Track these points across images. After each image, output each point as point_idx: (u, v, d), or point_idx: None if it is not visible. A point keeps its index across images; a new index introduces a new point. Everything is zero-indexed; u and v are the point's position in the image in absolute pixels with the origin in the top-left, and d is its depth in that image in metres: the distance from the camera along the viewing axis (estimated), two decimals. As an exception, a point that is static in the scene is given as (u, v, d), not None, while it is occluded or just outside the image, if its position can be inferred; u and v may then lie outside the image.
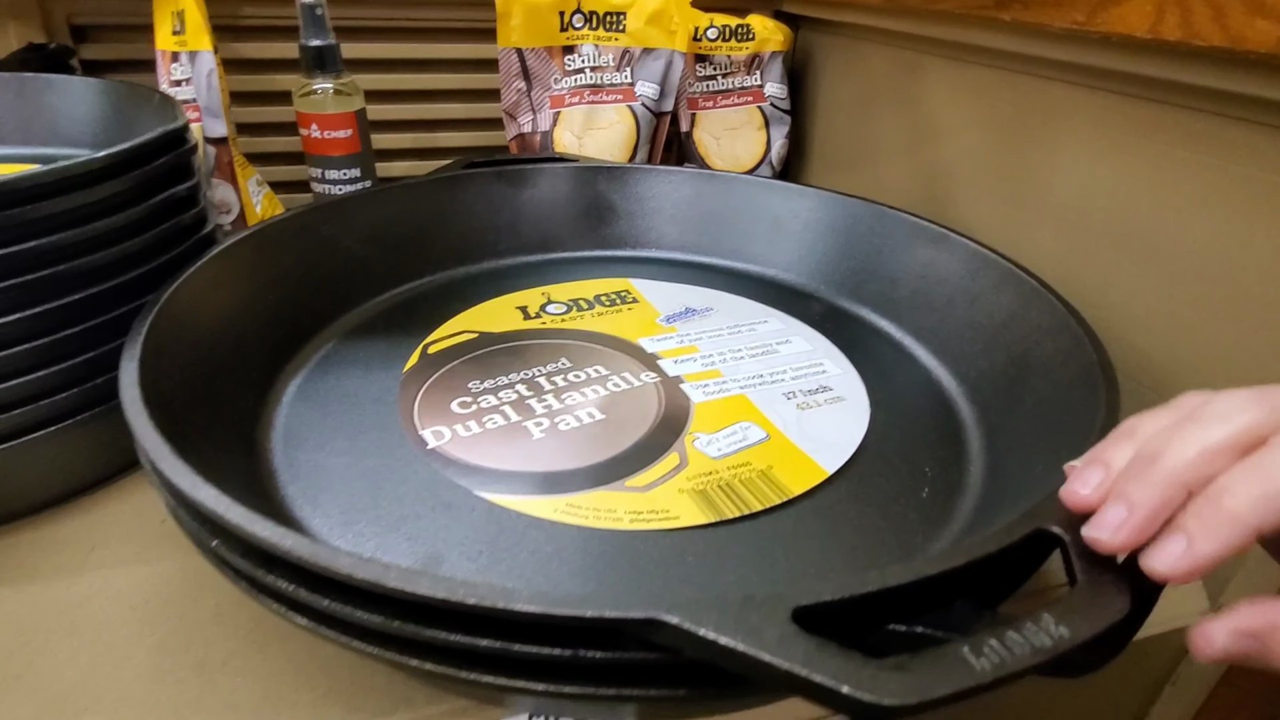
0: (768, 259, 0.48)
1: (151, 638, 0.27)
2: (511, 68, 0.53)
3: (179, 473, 0.21)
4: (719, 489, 0.30)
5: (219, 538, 0.21)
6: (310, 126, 0.46)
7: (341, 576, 0.18)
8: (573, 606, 0.17)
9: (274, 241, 0.38)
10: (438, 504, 0.29)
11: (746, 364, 0.39)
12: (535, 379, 0.36)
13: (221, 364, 0.32)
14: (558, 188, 0.49)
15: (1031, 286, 0.36)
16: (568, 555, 0.27)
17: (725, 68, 0.59)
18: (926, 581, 0.18)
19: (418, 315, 0.42)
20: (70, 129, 0.40)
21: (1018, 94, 0.42)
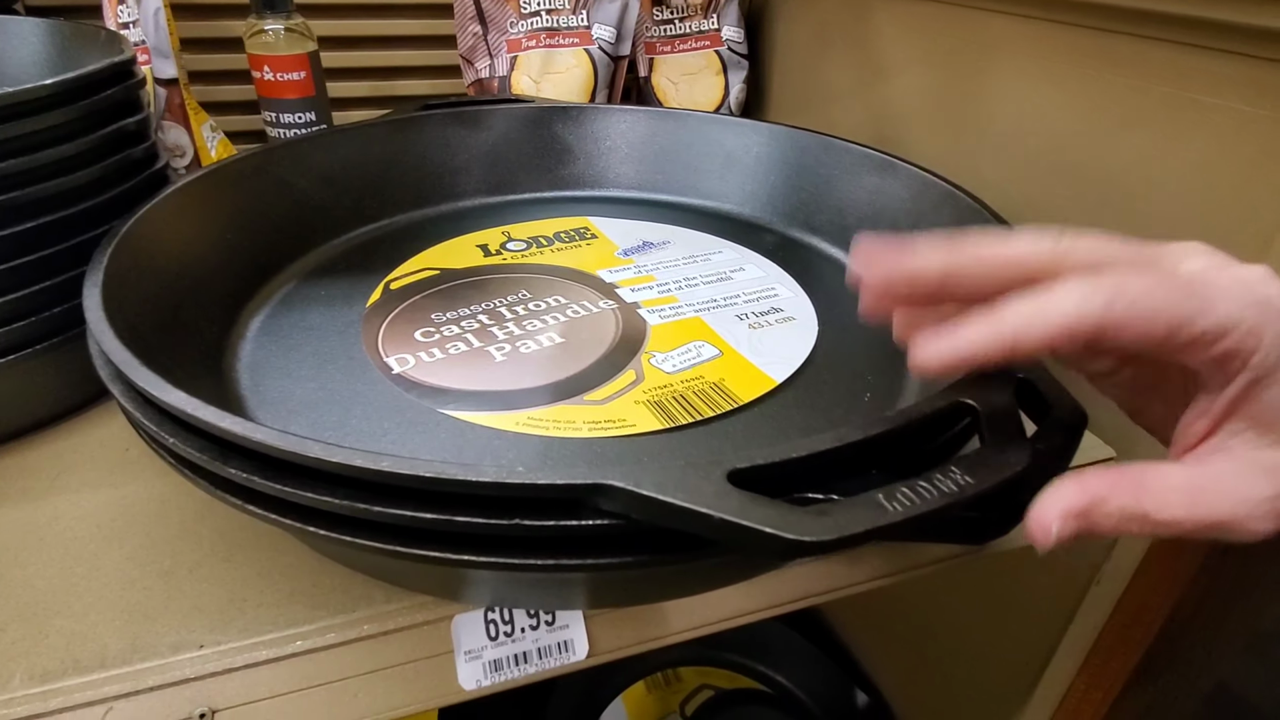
0: (722, 194, 0.49)
1: (119, 551, 0.28)
2: (466, 11, 0.53)
3: (142, 376, 0.21)
4: (673, 400, 0.31)
5: (178, 436, 0.22)
6: (262, 69, 0.46)
7: (311, 461, 0.19)
8: (525, 476, 0.18)
9: (230, 181, 0.38)
10: (404, 422, 0.30)
11: (701, 290, 0.40)
12: (497, 309, 0.37)
13: (185, 295, 0.32)
14: (514, 129, 0.49)
15: (968, 204, 0.37)
16: (528, 462, 0.28)
17: (682, 11, 0.59)
18: (849, 447, 0.20)
19: (378, 255, 0.42)
20: (16, 70, 0.40)
21: (958, 28, 0.44)
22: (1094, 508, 0.18)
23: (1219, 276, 0.18)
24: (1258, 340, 0.17)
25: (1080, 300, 0.17)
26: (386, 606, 0.26)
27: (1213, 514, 0.18)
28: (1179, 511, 0.18)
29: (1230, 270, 0.18)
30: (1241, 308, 0.17)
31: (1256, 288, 0.17)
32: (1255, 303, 0.17)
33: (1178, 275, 0.18)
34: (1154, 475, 0.18)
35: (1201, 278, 0.18)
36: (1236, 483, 0.18)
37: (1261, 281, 0.17)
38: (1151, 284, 0.17)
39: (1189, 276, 0.18)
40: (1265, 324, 0.17)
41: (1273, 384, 0.17)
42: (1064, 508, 0.18)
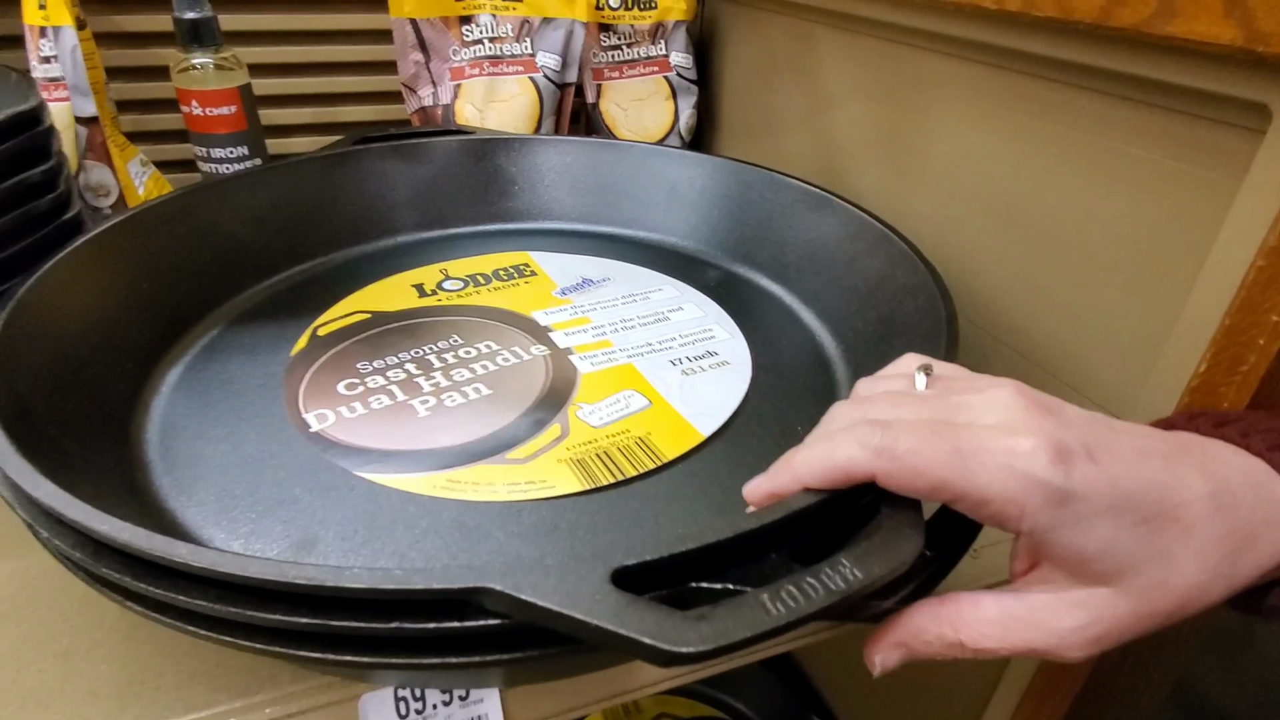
0: (665, 227, 0.49)
1: (17, 630, 0.27)
2: (407, 39, 0.52)
3: (15, 468, 0.20)
4: (596, 457, 0.31)
5: (51, 531, 0.21)
6: (191, 104, 0.44)
7: (178, 564, 0.18)
8: (403, 581, 0.18)
9: (148, 227, 0.37)
10: (316, 486, 0.29)
11: (637, 333, 0.39)
12: (425, 357, 0.37)
13: (91, 355, 0.31)
14: (454, 161, 0.49)
15: (900, 248, 0.37)
16: (442, 529, 0.27)
17: (629, 37, 0.58)
18: (743, 537, 0.20)
19: (309, 298, 0.41)
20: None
21: (898, 64, 0.44)
22: (914, 638, 0.20)
23: (993, 443, 0.18)
24: (1020, 509, 0.18)
25: (857, 449, 0.19)
26: (291, 688, 0.25)
27: (1025, 643, 0.20)
28: (992, 642, 0.20)
29: (1008, 438, 0.19)
30: (1003, 480, 0.18)
31: (1020, 462, 0.18)
32: (1017, 476, 0.18)
33: (958, 434, 0.19)
34: (971, 608, 0.20)
35: (977, 442, 0.19)
36: (1048, 614, 0.19)
37: (1029, 455, 0.18)
38: (921, 443, 0.19)
39: (967, 439, 0.19)
40: (1026, 496, 0.18)
41: (1055, 541, 0.19)
42: (888, 640, 0.21)
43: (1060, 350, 0.36)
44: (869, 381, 0.24)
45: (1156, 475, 0.19)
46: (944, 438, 0.19)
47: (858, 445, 0.19)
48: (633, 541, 0.27)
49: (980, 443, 0.18)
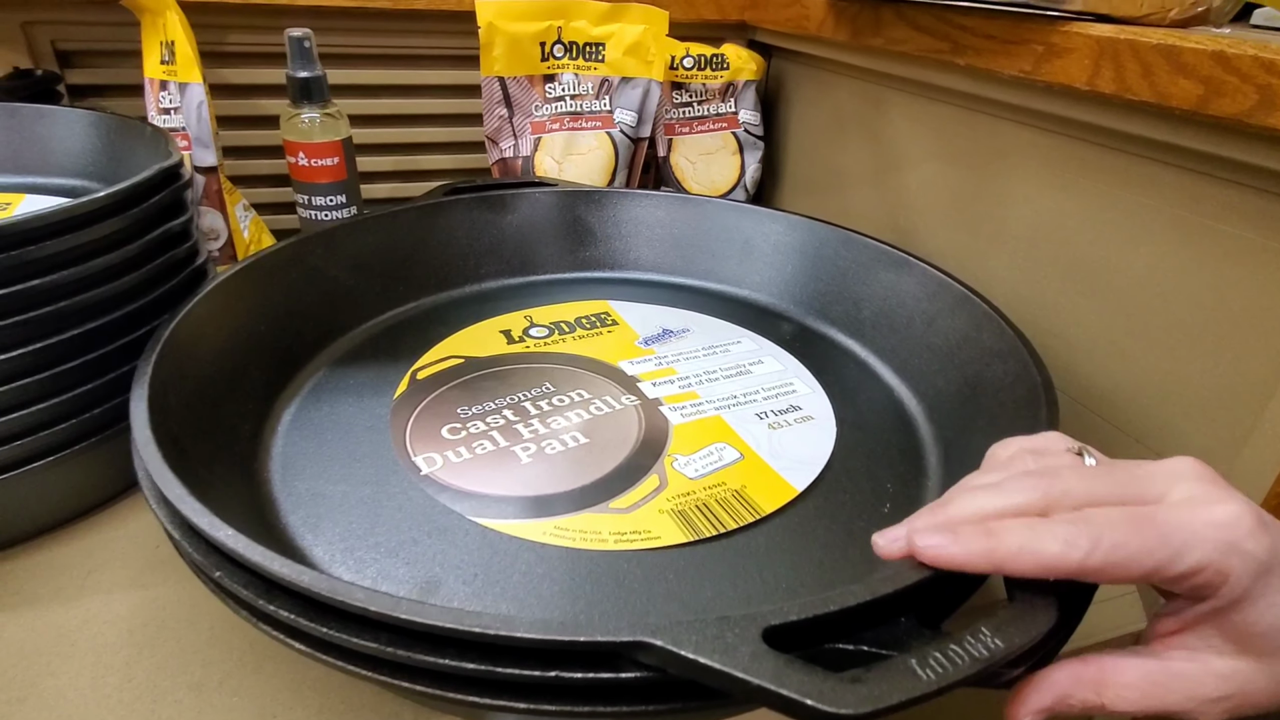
0: (740, 279, 0.50)
1: (149, 660, 0.28)
2: (494, 95, 0.55)
3: (196, 512, 0.22)
4: (696, 509, 0.32)
5: (224, 570, 0.22)
6: (297, 155, 0.47)
7: (355, 609, 0.20)
8: (567, 632, 0.19)
9: (265, 273, 0.39)
10: (433, 529, 0.30)
11: (721, 385, 0.41)
12: (521, 404, 0.38)
13: (221, 395, 0.33)
14: (537, 212, 0.51)
15: (983, 311, 0.38)
16: (557, 576, 0.29)
17: (701, 95, 0.61)
18: (879, 601, 0.20)
19: (405, 341, 0.43)
20: (61, 159, 0.41)
21: (973, 131, 0.45)
22: (1059, 701, 0.21)
23: (1194, 518, 0.19)
24: (1224, 578, 0.19)
25: (1064, 548, 0.19)
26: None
27: (1164, 706, 0.20)
28: (1131, 705, 0.20)
29: (1206, 510, 0.19)
30: (1210, 552, 0.19)
31: (1225, 532, 0.19)
32: (1223, 546, 0.19)
33: (1156, 518, 0.19)
34: (1114, 672, 0.21)
35: (1177, 520, 0.19)
36: (1190, 682, 0.20)
37: (1231, 525, 0.19)
38: (1126, 536, 0.19)
39: (1166, 520, 0.19)
40: (1231, 565, 0.19)
41: (1239, 609, 0.19)
42: (1033, 705, 0.21)
43: (1146, 417, 0.37)
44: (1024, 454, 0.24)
45: None
46: (1146, 524, 0.19)
47: (1064, 544, 0.19)
48: (741, 595, 0.28)
49: (1181, 519, 0.19)
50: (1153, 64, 0.30)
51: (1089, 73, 0.33)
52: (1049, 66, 0.35)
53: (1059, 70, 0.35)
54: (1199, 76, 0.29)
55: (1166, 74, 0.30)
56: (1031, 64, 0.36)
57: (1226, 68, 0.28)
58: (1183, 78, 0.29)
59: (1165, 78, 0.30)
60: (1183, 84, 0.29)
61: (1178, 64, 0.30)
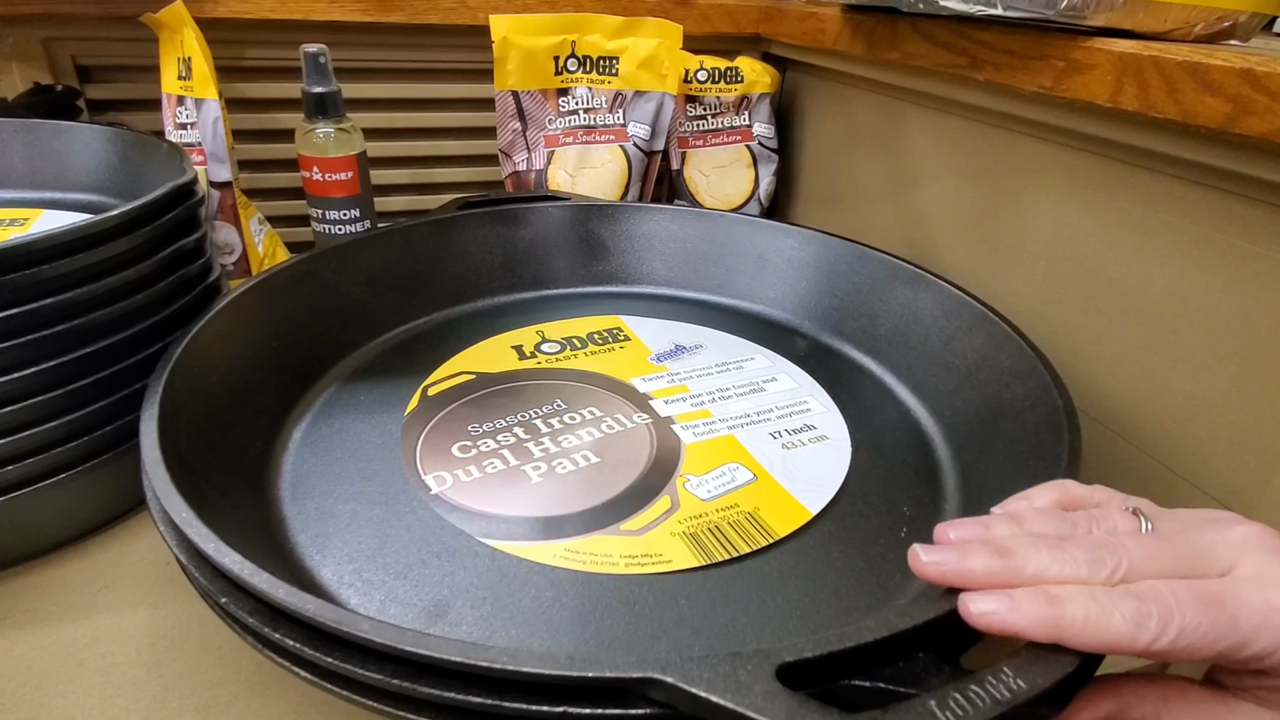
0: (753, 294, 0.50)
1: (158, 681, 0.28)
2: (507, 109, 0.55)
3: (203, 537, 0.22)
4: (709, 532, 0.31)
5: (230, 596, 0.22)
6: (312, 169, 0.47)
7: (361, 639, 0.19)
8: (575, 667, 0.19)
9: (278, 289, 0.39)
10: (442, 550, 0.30)
11: (734, 403, 0.40)
12: (532, 421, 0.38)
13: (232, 413, 0.33)
14: (550, 226, 0.51)
15: (1003, 330, 0.38)
16: (567, 600, 0.28)
17: (715, 108, 0.61)
18: (897, 637, 0.20)
19: (416, 356, 0.43)
20: (79, 175, 0.42)
21: (992, 146, 0.44)
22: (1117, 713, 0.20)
23: (1264, 601, 0.19)
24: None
25: (1134, 629, 0.18)
26: (420, 753, 0.26)
27: None
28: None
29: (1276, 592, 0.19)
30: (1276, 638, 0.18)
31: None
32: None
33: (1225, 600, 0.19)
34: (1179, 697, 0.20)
35: (1247, 601, 0.19)
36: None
37: None
38: (1198, 615, 0.18)
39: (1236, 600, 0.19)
40: None
41: None
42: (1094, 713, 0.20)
43: (1170, 439, 0.36)
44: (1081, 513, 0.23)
45: None
46: (1214, 606, 0.19)
47: (1134, 624, 0.19)
48: (753, 623, 0.28)
49: (1251, 601, 0.19)
50: (1178, 81, 0.30)
51: (1111, 89, 0.33)
52: (1070, 83, 0.34)
53: (1080, 87, 0.34)
54: (1226, 95, 0.28)
55: (1192, 92, 0.29)
56: (1052, 80, 0.35)
57: (1255, 86, 0.27)
58: (1209, 96, 0.29)
59: (1191, 95, 0.29)
60: (1209, 102, 0.29)
61: (1204, 82, 0.29)
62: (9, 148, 0.40)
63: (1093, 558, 0.20)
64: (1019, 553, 0.20)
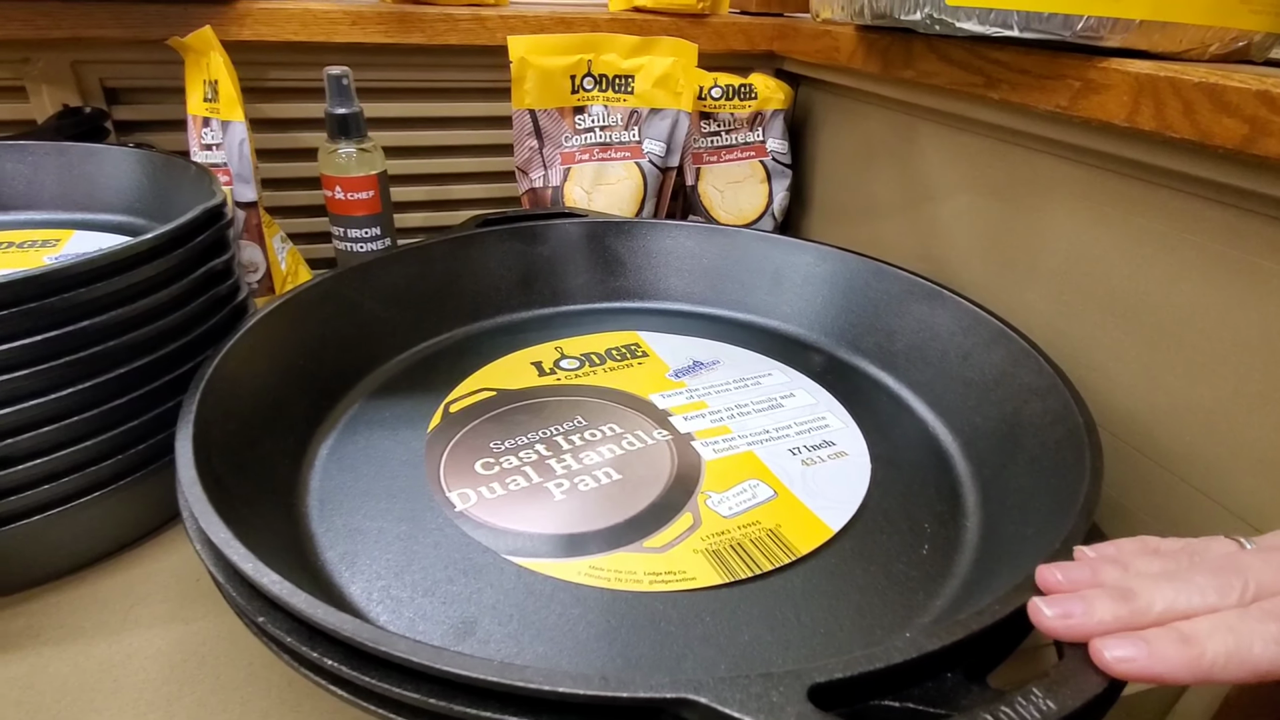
0: (769, 309, 0.50)
1: (190, 696, 0.28)
2: (525, 127, 0.56)
3: (242, 557, 0.22)
4: (731, 549, 0.32)
5: (268, 615, 0.22)
6: (334, 188, 0.48)
7: (398, 659, 0.20)
8: (610, 688, 0.19)
9: (303, 308, 0.40)
10: (468, 567, 0.30)
11: (753, 419, 0.40)
12: (554, 438, 0.38)
13: (261, 431, 0.34)
14: (567, 242, 0.51)
15: (1021, 346, 0.38)
16: (593, 618, 0.28)
17: (729, 124, 0.61)
18: (927, 657, 0.20)
19: (437, 372, 0.43)
20: (109, 196, 0.42)
21: (1008, 163, 0.45)
22: None
23: None
24: None
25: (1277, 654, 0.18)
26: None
27: None
28: None
29: None
30: None
31: None
32: None
33: None
34: None
35: None
36: None
37: None
38: None
39: None
40: None
41: None
42: None
43: (1191, 455, 0.36)
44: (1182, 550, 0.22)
45: None
46: None
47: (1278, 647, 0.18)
48: (778, 640, 0.28)
49: None
50: (1194, 102, 0.30)
51: (1128, 109, 0.33)
52: (1086, 102, 0.35)
53: (1096, 106, 0.34)
54: (1243, 116, 0.28)
55: (1209, 113, 0.30)
56: (1068, 99, 0.36)
57: (1272, 107, 0.27)
58: (1226, 117, 0.29)
59: (1208, 116, 0.30)
60: (1226, 123, 0.29)
61: (1221, 103, 0.29)
62: (42, 169, 0.41)
63: (1219, 583, 0.19)
64: (1142, 593, 0.20)
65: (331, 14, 0.53)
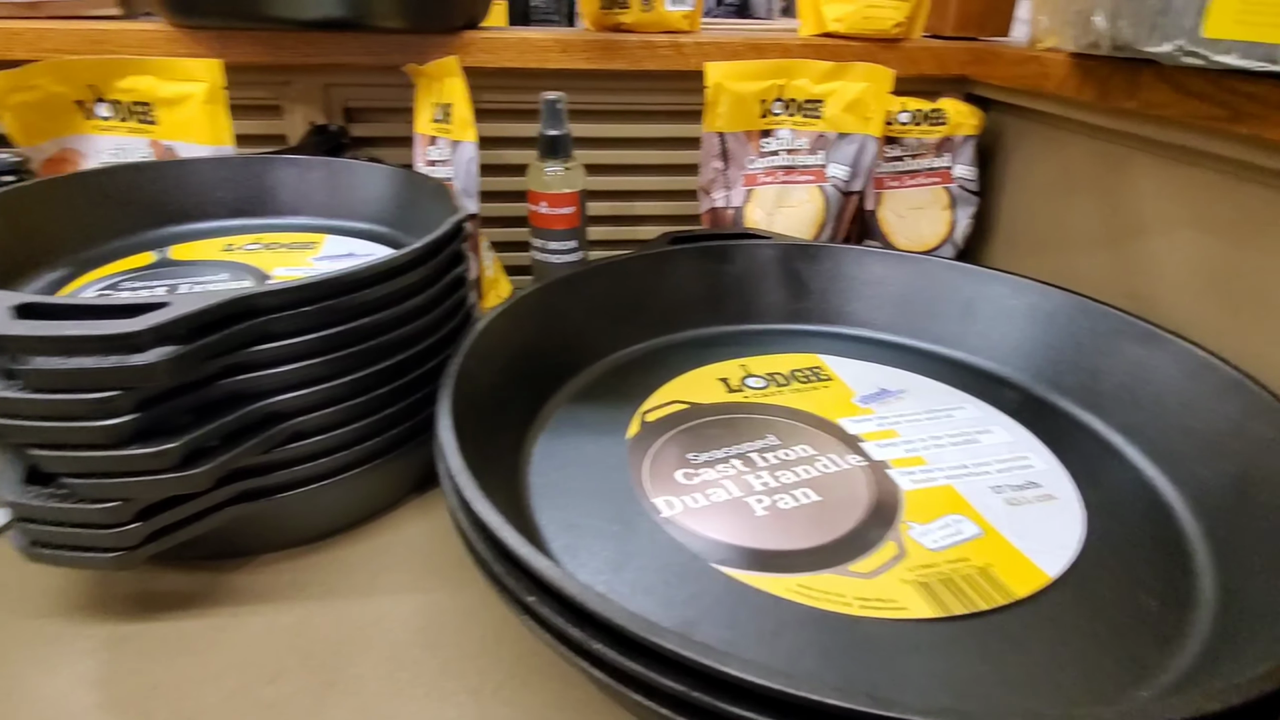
0: (959, 341, 0.49)
1: (434, 661, 0.32)
2: (712, 149, 0.58)
3: (518, 543, 0.25)
4: (941, 583, 0.32)
5: (538, 596, 0.25)
6: (540, 203, 0.52)
7: (669, 651, 0.21)
8: (879, 706, 0.20)
9: (521, 315, 0.43)
10: (681, 571, 0.32)
11: (949, 452, 0.40)
12: (748, 454, 0.39)
13: (492, 426, 0.37)
14: (755, 263, 0.53)
15: (1260, 397, 0.35)
16: (807, 635, 0.29)
17: (914, 149, 0.61)
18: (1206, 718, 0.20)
19: (631, 381, 0.46)
20: (357, 205, 0.48)
21: (1242, 200, 0.42)
22: None
23: None
24: None
25: None
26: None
27: None
28: None
29: None
30: None
31: None
32: None
33: None
34: None
35: None
36: None
37: None
38: None
39: None
40: None
41: None
42: None
43: None
44: None
45: None
46: None
47: None
48: (999, 680, 0.28)
49: None
50: None
51: None
52: (1364, 141, 0.32)
53: (1378, 146, 0.32)
54: None
55: None
56: (1339, 137, 0.33)
57: None
58: None
59: None
60: None
61: None
62: (309, 180, 0.47)
63: None
64: None
65: (544, 42, 0.57)
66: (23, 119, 0.46)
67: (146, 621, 0.33)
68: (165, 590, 0.35)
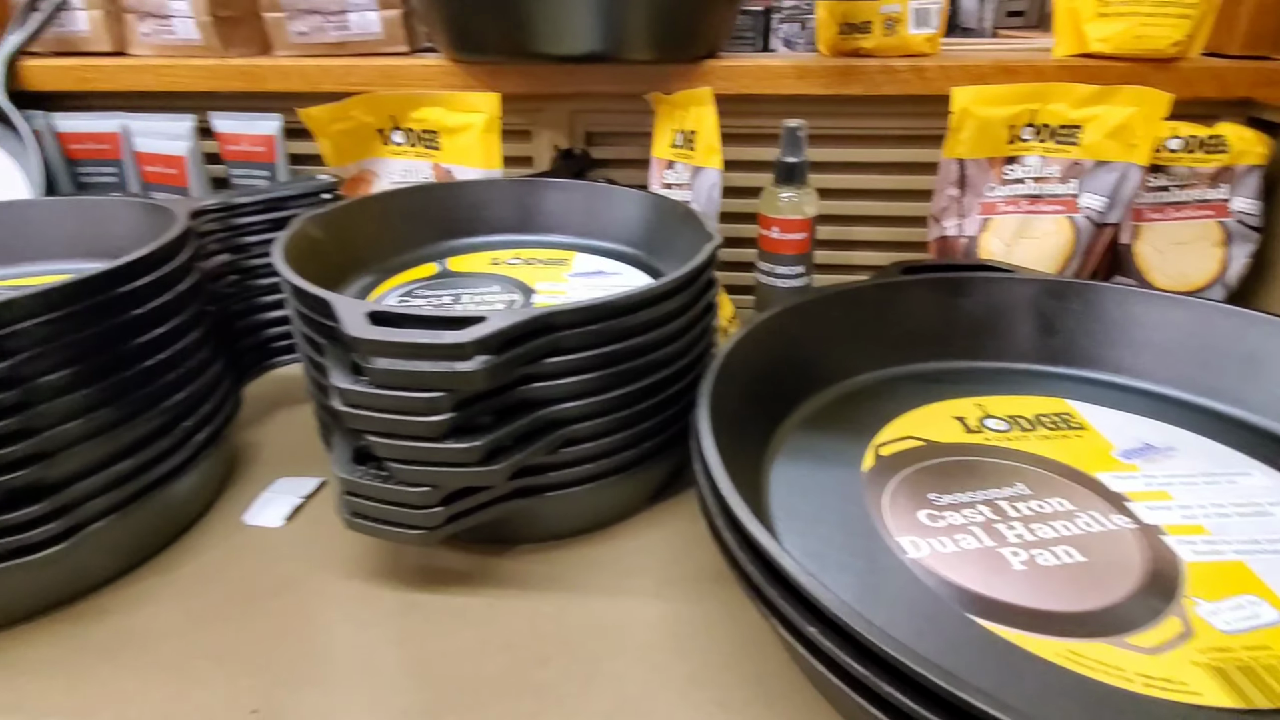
0: (1240, 397, 0.44)
1: (684, 668, 0.33)
2: (949, 176, 0.56)
3: (797, 570, 0.26)
4: (1241, 671, 0.29)
5: (818, 627, 0.25)
6: (771, 228, 0.53)
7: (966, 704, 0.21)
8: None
9: (760, 339, 0.44)
10: (935, 618, 0.31)
11: (1236, 524, 0.36)
12: (996, 502, 0.38)
13: (736, 447, 0.38)
14: (993, 297, 0.50)
15: None
16: (1081, 706, 0.28)
17: (1183, 179, 0.55)
18: None
19: (861, 412, 0.45)
20: (605, 225, 0.51)
21: None
22: None
23: None
24: None
25: None
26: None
27: None
28: None
29: None
30: None
31: None
32: None
33: None
34: None
35: None
36: None
37: None
38: None
39: None
40: None
41: None
42: None
43: None
44: None
45: None
46: None
47: None
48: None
49: None
50: None
51: None
52: None
53: None
54: None
55: None
56: None
57: None
58: None
59: None
60: None
61: None
62: (572, 202, 0.51)
63: None
64: None
65: (781, 68, 0.58)
66: (338, 144, 0.53)
67: (430, 593, 0.38)
68: (442, 567, 0.39)
